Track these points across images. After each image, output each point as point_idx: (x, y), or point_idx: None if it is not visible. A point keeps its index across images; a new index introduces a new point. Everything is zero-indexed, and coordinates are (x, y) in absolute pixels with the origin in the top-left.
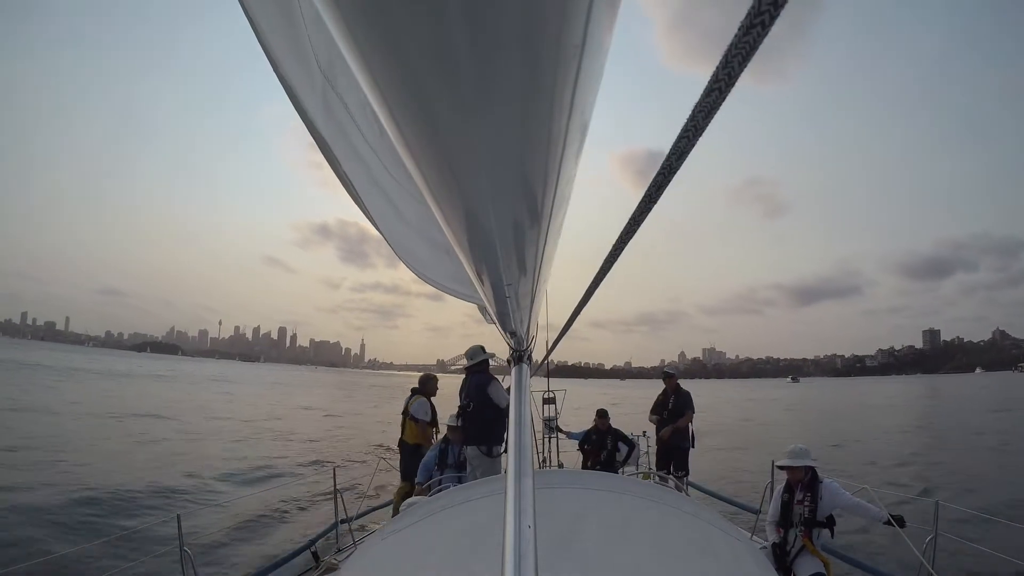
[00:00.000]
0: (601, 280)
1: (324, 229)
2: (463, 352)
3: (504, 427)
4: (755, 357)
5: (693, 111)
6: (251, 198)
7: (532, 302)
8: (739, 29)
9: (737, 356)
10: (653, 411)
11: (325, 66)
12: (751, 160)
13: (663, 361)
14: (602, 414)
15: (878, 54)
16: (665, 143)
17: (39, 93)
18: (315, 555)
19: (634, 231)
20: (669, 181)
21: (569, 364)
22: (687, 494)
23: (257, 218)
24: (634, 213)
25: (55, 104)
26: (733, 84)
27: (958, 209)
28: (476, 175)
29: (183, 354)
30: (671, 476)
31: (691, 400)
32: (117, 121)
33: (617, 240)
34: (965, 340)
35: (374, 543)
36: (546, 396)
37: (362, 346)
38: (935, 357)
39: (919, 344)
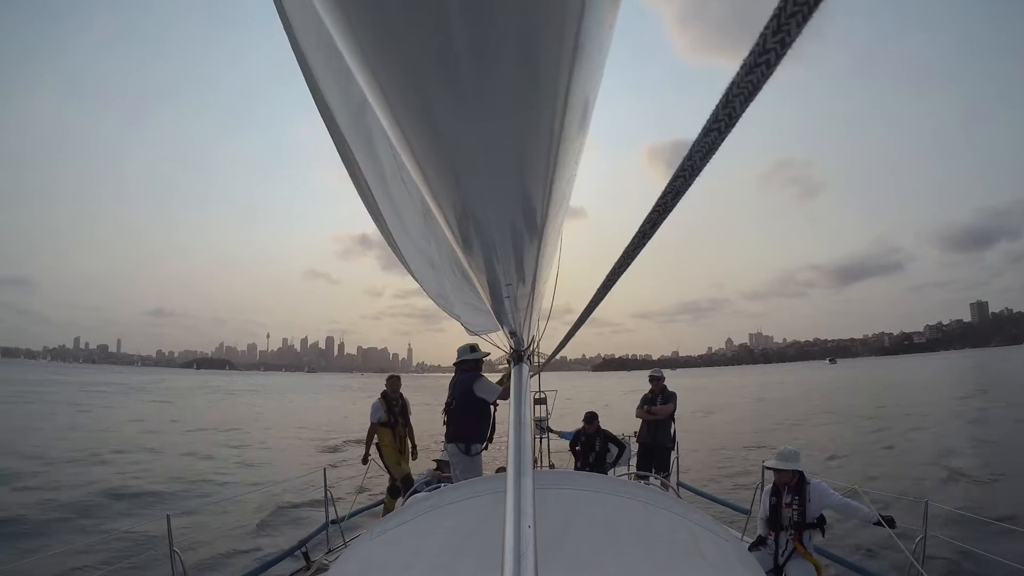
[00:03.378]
0: (609, 288)
1: (364, 239)
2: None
3: (486, 427)
4: (802, 340)
5: (691, 150)
6: (291, 212)
7: (531, 302)
8: (741, 68)
9: (784, 340)
10: (640, 407)
11: None
12: (782, 143)
13: (710, 349)
14: (590, 418)
15: (901, 25)
16: (684, 135)
17: (76, 120)
18: (306, 556)
19: (642, 246)
20: (664, 218)
21: (616, 357)
22: (677, 495)
23: (298, 232)
24: (635, 236)
25: (95, 133)
26: (733, 125)
27: (995, 176)
28: (473, 172)
29: (231, 368)
30: (656, 476)
31: (675, 398)
32: (157, 143)
33: (623, 255)
34: (1015, 311)
35: (364, 543)
36: (537, 396)
37: (409, 350)
38: (984, 330)
39: (967, 318)
